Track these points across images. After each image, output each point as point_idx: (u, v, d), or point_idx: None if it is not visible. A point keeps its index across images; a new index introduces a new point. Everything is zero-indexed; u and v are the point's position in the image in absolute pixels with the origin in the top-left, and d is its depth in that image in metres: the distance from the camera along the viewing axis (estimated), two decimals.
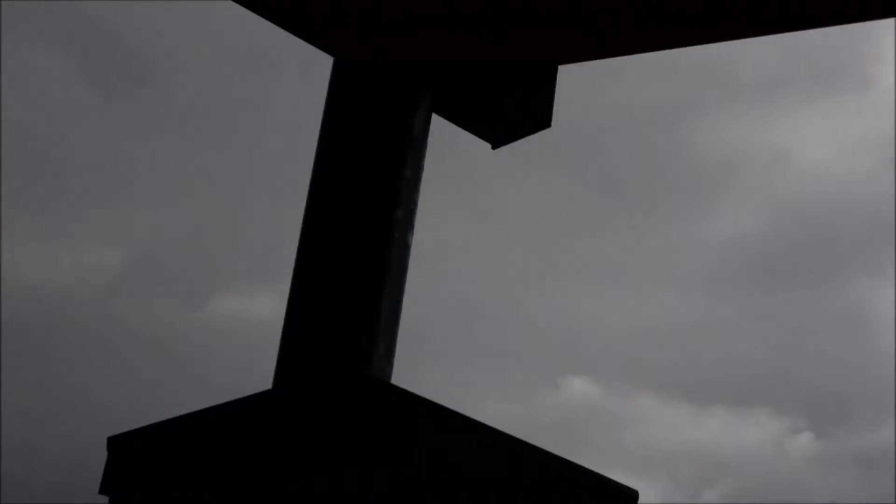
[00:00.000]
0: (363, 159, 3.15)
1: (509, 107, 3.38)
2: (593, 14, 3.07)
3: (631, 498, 2.85)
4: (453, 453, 2.56)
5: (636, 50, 3.23)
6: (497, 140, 3.52)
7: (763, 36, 3.17)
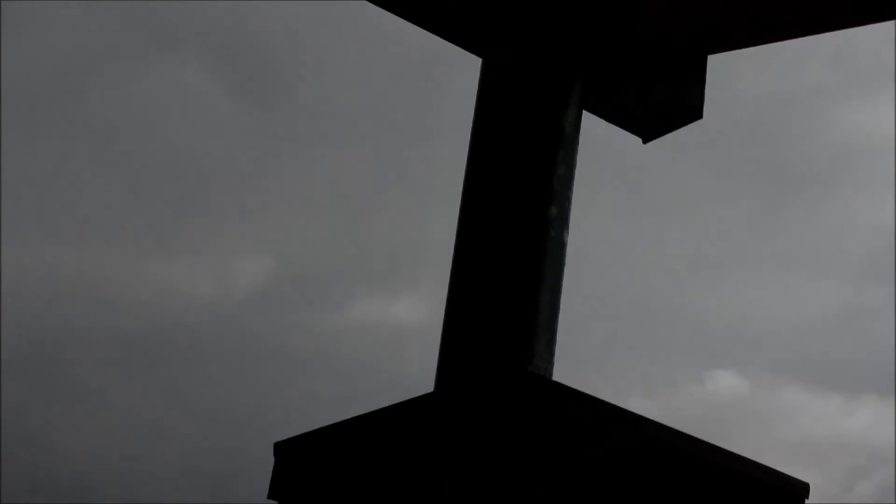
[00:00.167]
0: (516, 158, 3.14)
1: (660, 99, 3.35)
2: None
3: (803, 490, 2.80)
4: (623, 452, 2.54)
5: (791, 35, 3.18)
6: (648, 133, 3.49)
7: None
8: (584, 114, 3.30)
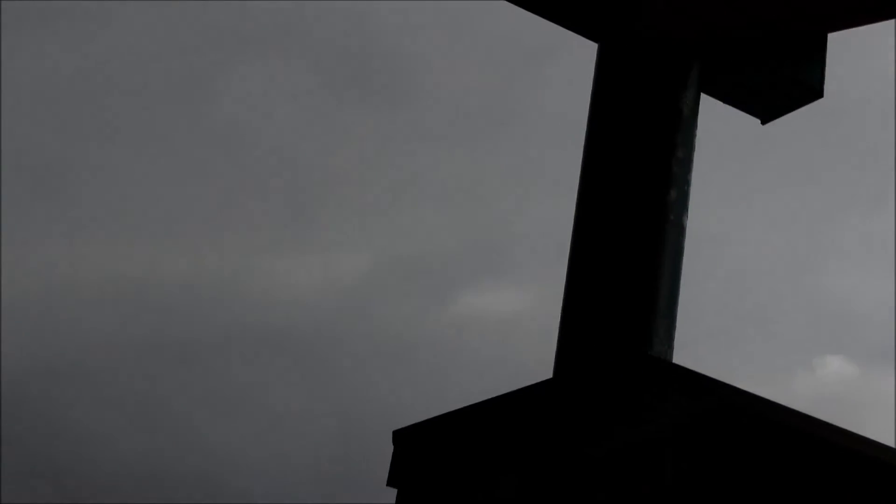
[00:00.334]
0: (635, 142, 3.11)
1: (780, 79, 3.30)
2: None
3: None
4: (751, 438, 2.50)
5: None
6: (767, 114, 3.43)
7: None
8: (703, 97, 3.26)
